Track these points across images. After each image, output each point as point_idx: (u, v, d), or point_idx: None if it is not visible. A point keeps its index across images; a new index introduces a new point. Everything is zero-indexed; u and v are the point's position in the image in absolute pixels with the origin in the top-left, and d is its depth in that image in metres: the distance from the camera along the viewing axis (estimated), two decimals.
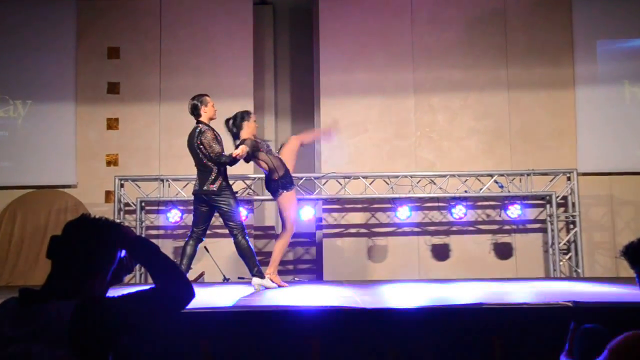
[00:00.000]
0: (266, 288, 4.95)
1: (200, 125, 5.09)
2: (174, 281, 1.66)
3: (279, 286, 5.09)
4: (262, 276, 4.94)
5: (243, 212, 6.82)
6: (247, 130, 5.10)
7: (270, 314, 3.26)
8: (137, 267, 5.17)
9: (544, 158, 7.30)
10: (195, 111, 5.17)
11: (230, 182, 6.95)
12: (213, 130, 5.05)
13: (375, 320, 3.22)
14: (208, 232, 7.29)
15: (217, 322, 3.18)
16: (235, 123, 5.13)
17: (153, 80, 7.45)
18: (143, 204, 7.00)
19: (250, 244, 5.02)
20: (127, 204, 7.04)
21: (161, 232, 7.31)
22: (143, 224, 6.96)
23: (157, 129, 7.43)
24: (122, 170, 7.28)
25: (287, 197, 5.10)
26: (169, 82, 7.45)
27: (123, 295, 1.62)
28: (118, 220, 6.48)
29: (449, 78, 7.46)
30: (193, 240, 5.11)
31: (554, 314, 3.22)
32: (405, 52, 7.48)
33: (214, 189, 5.03)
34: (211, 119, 5.15)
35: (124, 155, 7.41)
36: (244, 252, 4.97)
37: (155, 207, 7.21)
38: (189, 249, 5.04)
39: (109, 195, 7.29)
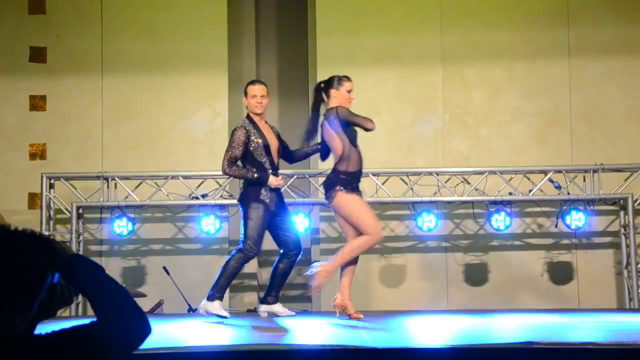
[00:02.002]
0: (219, 317, 5.18)
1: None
2: (123, 313, 1.68)
3: (352, 318, 5.17)
4: (216, 299, 5.21)
5: (209, 223, 6.86)
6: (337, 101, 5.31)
7: (252, 355, 3.30)
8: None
9: (617, 149, 7.35)
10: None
11: (197, 181, 7.02)
12: (245, 128, 5.38)
13: None
14: (169, 247, 7.41)
15: None
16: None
17: (92, 43, 7.49)
18: (80, 211, 7.03)
19: (239, 268, 5.28)
20: (58, 211, 7.07)
21: (105, 247, 7.35)
22: (80, 237, 7.00)
23: (98, 110, 7.46)
24: (52, 165, 7.31)
25: (348, 198, 5.19)
26: (114, 47, 7.49)
27: (54, 332, 1.64)
28: (46, 233, 6.53)
29: (488, 42, 7.50)
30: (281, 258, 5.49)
31: (630, 358, 3.25)
32: (431, 7, 7.51)
33: (240, 193, 5.47)
34: (252, 112, 5.49)
35: (54, 145, 7.44)
36: (225, 269, 5.25)
37: (97, 215, 7.25)
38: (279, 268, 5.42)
39: (33, 198, 7.32)
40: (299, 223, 6.89)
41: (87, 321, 1.68)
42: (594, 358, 3.31)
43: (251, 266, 7.95)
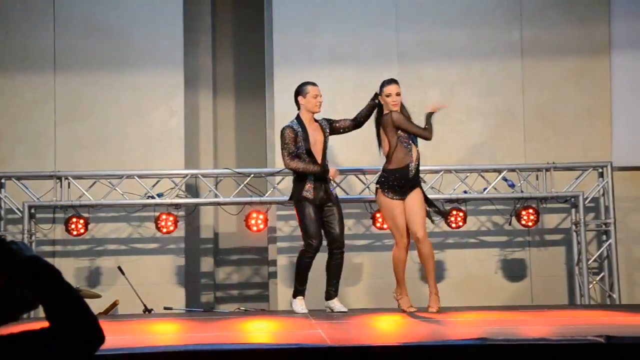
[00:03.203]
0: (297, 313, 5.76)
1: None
2: (76, 321, 1.67)
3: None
4: (296, 296, 5.79)
5: (165, 222, 6.83)
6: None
7: (208, 355, 3.30)
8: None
9: (569, 148, 7.49)
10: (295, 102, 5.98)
11: (153, 180, 6.97)
12: (292, 127, 5.82)
13: None
14: (124, 247, 7.33)
15: None
16: None
17: (44, 39, 7.38)
18: (32, 211, 6.93)
19: (305, 264, 5.73)
20: (9, 211, 6.96)
21: (58, 248, 7.26)
22: (32, 238, 6.90)
23: (51, 107, 7.36)
24: (3, 164, 7.20)
25: (382, 200, 5.68)
26: (67, 43, 7.39)
27: (1, 338, 1.62)
28: None
29: (444, 41, 7.58)
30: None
31: (582, 352, 3.32)
32: (387, 6, 7.56)
33: (291, 195, 5.93)
34: (311, 111, 5.89)
35: (5, 144, 7.33)
36: (296, 268, 5.87)
37: (50, 215, 7.15)
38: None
39: None
40: (256, 223, 6.89)
41: (37, 326, 1.66)
42: (546, 353, 3.38)
43: (207, 265, 7.93)
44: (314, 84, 5.97)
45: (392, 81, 5.82)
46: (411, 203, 5.67)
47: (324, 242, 5.86)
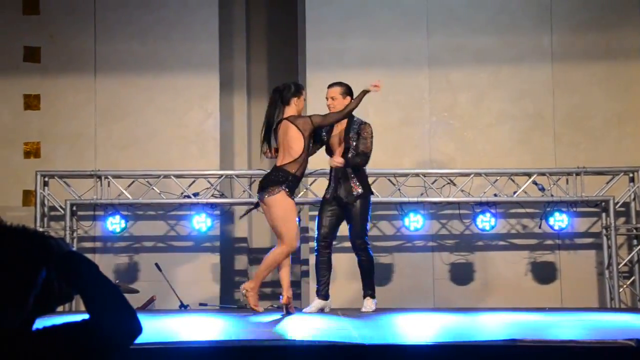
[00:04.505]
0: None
1: None
2: (115, 312, 1.68)
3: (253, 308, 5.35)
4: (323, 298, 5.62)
5: (200, 221, 6.88)
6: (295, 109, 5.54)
7: (242, 351, 3.30)
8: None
9: (599, 152, 7.40)
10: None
11: (189, 180, 7.02)
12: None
13: None
14: (161, 245, 7.40)
15: None
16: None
17: (86, 44, 7.48)
18: (74, 208, 7.02)
19: (317, 260, 5.69)
20: (52, 208, 7.06)
21: (98, 244, 7.34)
22: (74, 234, 6.99)
23: (91, 109, 7.45)
24: (46, 163, 7.29)
25: (288, 201, 5.38)
26: (107, 47, 7.47)
27: (45, 328, 1.64)
28: (40, 230, 6.50)
29: (474, 46, 7.53)
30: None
31: (611, 356, 3.28)
32: (419, 11, 7.54)
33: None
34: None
35: (48, 143, 7.43)
36: None
37: (91, 213, 7.23)
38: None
39: (28, 196, 7.30)
40: None
41: (78, 318, 1.68)
42: (576, 356, 3.33)
43: (241, 263, 7.96)
44: (329, 87, 6.00)
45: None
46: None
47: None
